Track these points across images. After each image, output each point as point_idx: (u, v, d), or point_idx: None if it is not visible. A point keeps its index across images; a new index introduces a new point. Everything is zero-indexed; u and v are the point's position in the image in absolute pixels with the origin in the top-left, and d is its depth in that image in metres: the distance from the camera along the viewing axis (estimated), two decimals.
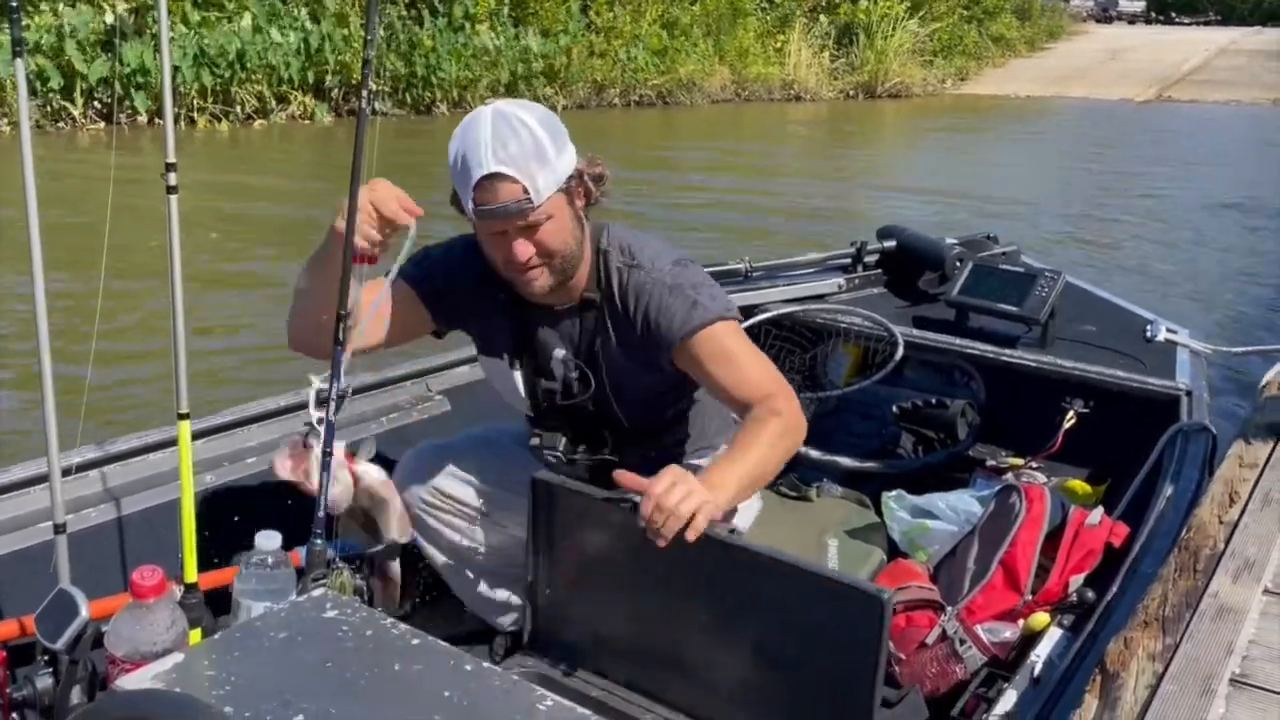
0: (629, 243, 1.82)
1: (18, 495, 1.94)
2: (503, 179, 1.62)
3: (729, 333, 1.75)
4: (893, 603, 1.42)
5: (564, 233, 1.71)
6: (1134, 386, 2.63)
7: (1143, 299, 4.60)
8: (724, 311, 1.76)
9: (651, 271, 1.77)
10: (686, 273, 1.78)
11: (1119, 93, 21.03)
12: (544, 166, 1.63)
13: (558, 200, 1.68)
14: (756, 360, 1.77)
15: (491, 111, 1.65)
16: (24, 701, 1.32)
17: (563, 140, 1.68)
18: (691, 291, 1.75)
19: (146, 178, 1.93)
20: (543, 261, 1.72)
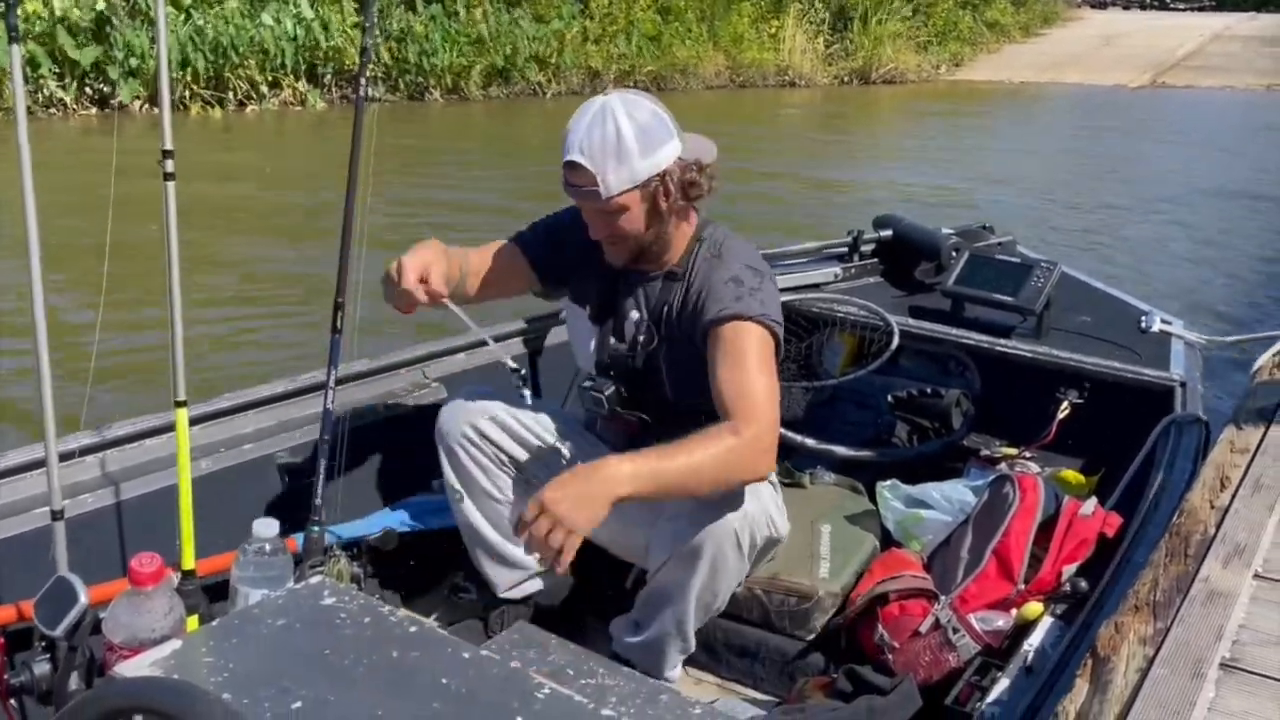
0: (724, 240, 1.95)
1: (14, 480, 1.93)
2: (579, 167, 1.80)
3: (754, 338, 1.82)
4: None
5: (635, 223, 1.85)
6: (1128, 377, 2.64)
7: (1137, 286, 4.62)
8: (761, 315, 1.83)
9: (725, 262, 1.90)
10: (753, 275, 1.88)
11: (1113, 78, 20.99)
12: (621, 164, 1.78)
13: (632, 195, 1.82)
14: (762, 378, 1.79)
15: (601, 103, 1.80)
16: (22, 687, 1.32)
17: (656, 143, 1.80)
18: (744, 287, 1.85)
19: (141, 165, 1.92)
20: (616, 240, 1.89)
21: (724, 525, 1.83)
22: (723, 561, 1.86)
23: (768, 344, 1.84)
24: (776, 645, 2.13)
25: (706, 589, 1.89)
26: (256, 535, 1.48)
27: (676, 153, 1.83)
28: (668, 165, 1.82)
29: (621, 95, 1.82)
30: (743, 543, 1.87)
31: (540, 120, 13.42)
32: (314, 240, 6.49)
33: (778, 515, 2.01)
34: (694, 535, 1.83)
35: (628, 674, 1.59)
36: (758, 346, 1.81)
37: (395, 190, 8.13)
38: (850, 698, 1.89)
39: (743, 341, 1.81)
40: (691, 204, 1.90)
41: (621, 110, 1.78)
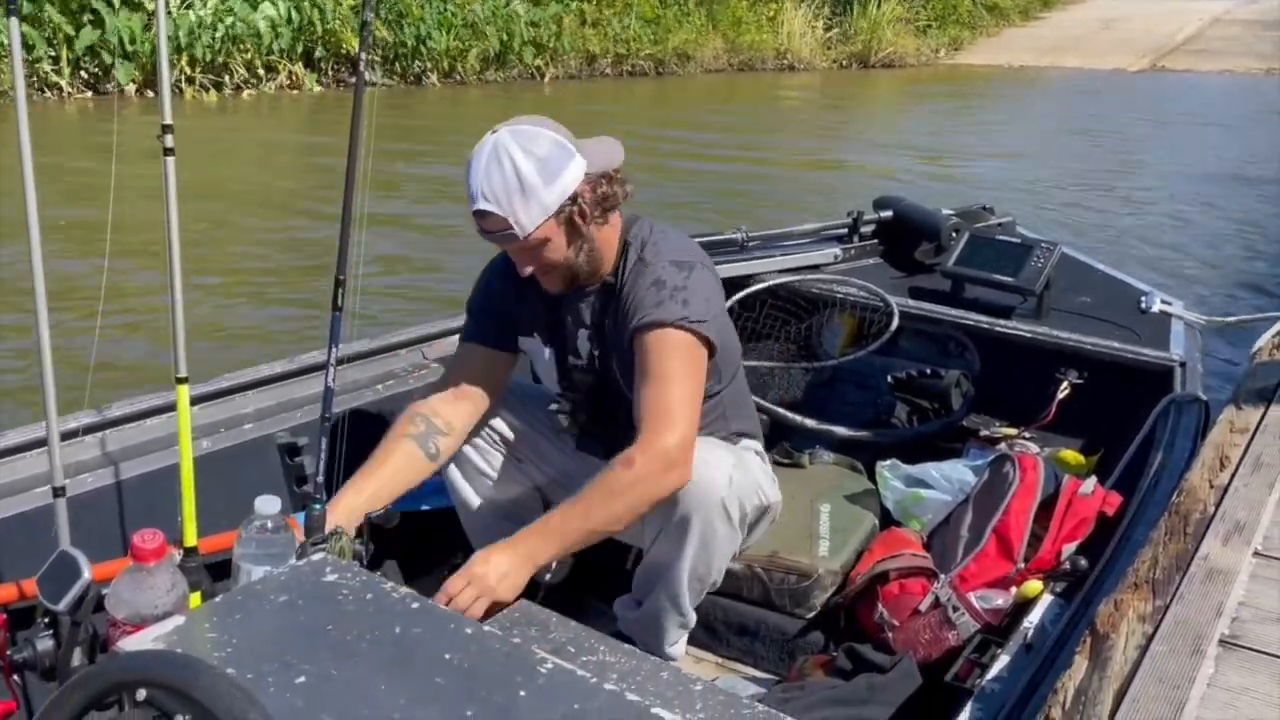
0: (649, 238, 1.92)
1: (16, 459, 1.94)
2: (488, 214, 1.76)
3: (670, 345, 1.80)
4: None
5: (560, 251, 1.83)
6: (1128, 357, 2.64)
7: (1137, 268, 4.61)
8: (681, 319, 1.80)
9: (649, 264, 1.87)
10: (677, 272, 1.85)
11: (1113, 62, 20.92)
12: (529, 201, 1.74)
13: (549, 226, 1.78)
14: (675, 388, 1.79)
15: (492, 143, 1.76)
16: (25, 664, 1.32)
17: (558, 169, 1.76)
18: (665, 290, 1.83)
19: (138, 146, 1.91)
20: (546, 271, 1.86)
21: (711, 498, 1.83)
22: (712, 534, 1.86)
23: (687, 348, 1.82)
24: (776, 624, 2.13)
25: (699, 562, 1.89)
26: (259, 512, 1.48)
27: (582, 171, 1.79)
28: (576, 187, 1.78)
29: (511, 129, 1.77)
30: (732, 514, 1.87)
31: (538, 104, 13.37)
32: (313, 220, 6.48)
33: (767, 483, 2.02)
34: (681, 510, 1.83)
35: (629, 650, 1.59)
36: (675, 353, 1.80)
37: (394, 168, 8.12)
38: (850, 676, 1.90)
39: (659, 350, 1.80)
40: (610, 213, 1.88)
41: (515, 146, 1.74)
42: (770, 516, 2.08)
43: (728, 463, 1.87)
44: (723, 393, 2.01)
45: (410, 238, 6.51)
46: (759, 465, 2.04)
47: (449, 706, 1.08)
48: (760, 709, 1.29)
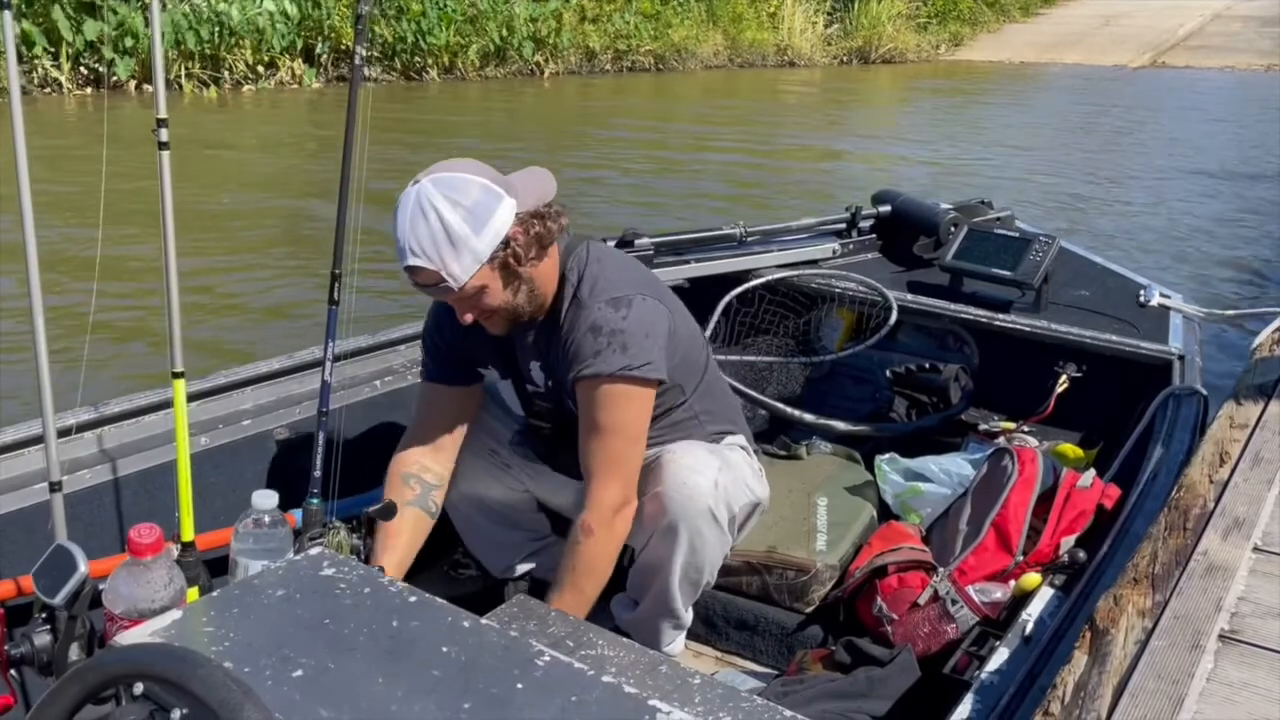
0: (589, 270, 1.84)
1: (13, 457, 1.93)
2: (419, 269, 1.70)
3: (615, 396, 1.78)
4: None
5: (498, 296, 1.77)
6: (1126, 351, 2.64)
7: (1137, 263, 4.61)
8: (620, 370, 1.77)
9: (586, 306, 1.81)
10: (615, 314, 1.79)
11: (1113, 58, 20.90)
12: (459, 251, 1.68)
13: (484, 273, 1.72)
14: (620, 437, 1.79)
15: (415, 195, 1.69)
16: (22, 659, 1.32)
17: (487, 214, 1.69)
18: (606, 337, 1.78)
19: (136, 141, 1.91)
20: (487, 318, 1.81)
21: (697, 503, 1.83)
22: (700, 539, 1.86)
23: (628, 398, 1.79)
24: (775, 618, 2.13)
25: (690, 566, 1.90)
26: (256, 507, 1.48)
27: (512, 212, 1.72)
28: (508, 230, 1.72)
29: (434, 178, 1.70)
30: (719, 517, 1.87)
31: (538, 99, 13.36)
32: (310, 215, 6.47)
33: (755, 481, 2.02)
34: (669, 515, 1.84)
35: (627, 644, 1.59)
36: (616, 405, 1.78)
37: (392, 163, 8.11)
38: (849, 669, 1.90)
39: (600, 403, 1.78)
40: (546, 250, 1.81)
41: (439, 196, 1.67)
42: (760, 511, 2.08)
43: (712, 467, 1.86)
44: (690, 400, 1.98)
45: None
46: (745, 461, 2.03)
47: (446, 699, 1.08)
48: (759, 702, 1.29)
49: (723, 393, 2.14)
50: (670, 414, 1.95)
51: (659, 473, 1.86)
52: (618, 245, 2.88)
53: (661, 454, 1.90)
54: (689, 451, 1.88)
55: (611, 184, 8.47)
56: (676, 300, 1.98)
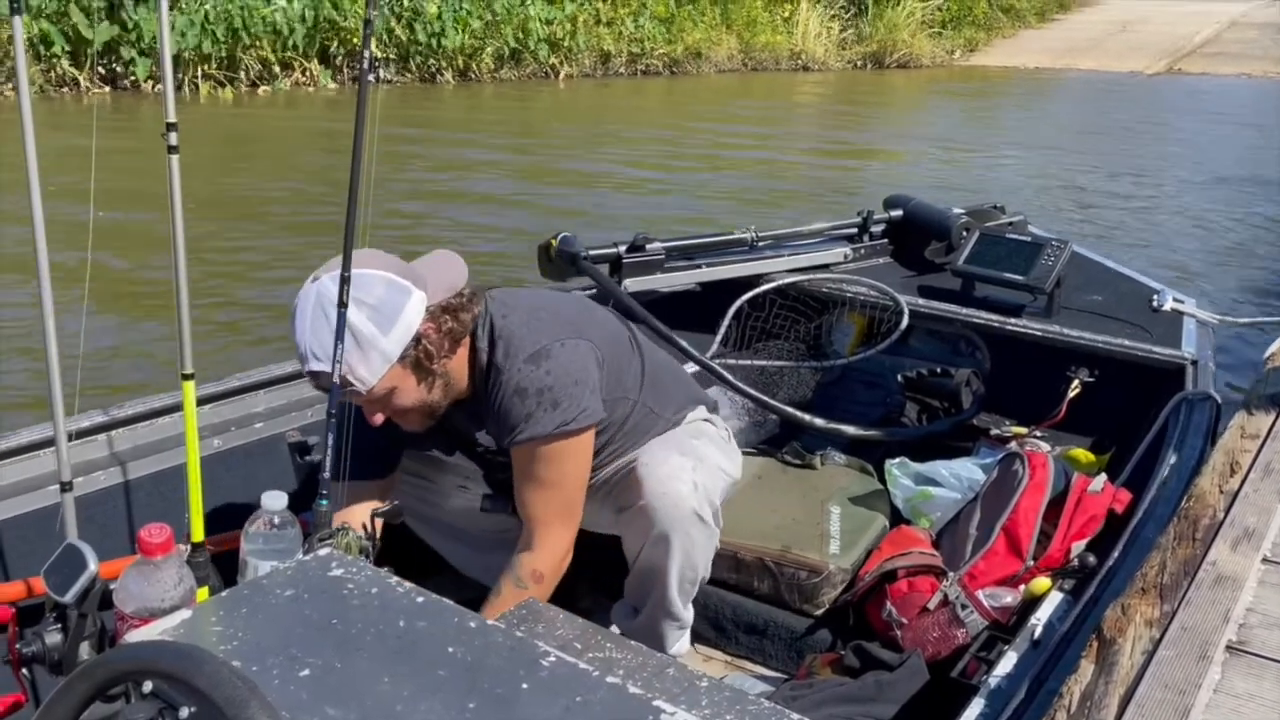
0: (498, 329, 1.77)
1: (24, 459, 1.95)
2: (323, 373, 1.62)
3: (553, 454, 1.75)
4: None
5: (411, 394, 1.70)
6: (1139, 355, 2.63)
7: (1150, 269, 4.59)
8: (555, 430, 1.72)
9: (504, 370, 1.74)
10: (537, 371, 1.72)
11: (1129, 65, 20.82)
12: (366, 353, 1.61)
13: (395, 373, 1.65)
14: (560, 490, 1.78)
15: (315, 294, 1.61)
16: (33, 657, 1.33)
17: (394, 313, 1.62)
18: (534, 398, 1.72)
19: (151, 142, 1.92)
20: (400, 416, 1.74)
21: (682, 509, 1.83)
22: (691, 542, 1.87)
23: (565, 452, 1.76)
24: (785, 622, 2.13)
25: (685, 568, 1.90)
26: (265, 508, 1.49)
27: (422, 306, 1.65)
28: (419, 327, 1.64)
29: (333, 274, 1.59)
30: (705, 516, 1.87)
31: (552, 102, 13.40)
32: (321, 216, 6.50)
33: (725, 459, 2.01)
34: (658, 526, 1.84)
35: (635, 647, 1.59)
36: (554, 461, 1.76)
37: (402, 166, 8.14)
38: (858, 673, 1.90)
39: (539, 461, 1.76)
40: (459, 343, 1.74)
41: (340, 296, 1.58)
42: (735, 484, 2.07)
43: (687, 468, 1.86)
44: (639, 400, 1.94)
45: (419, 234, 6.53)
46: (714, 442, 2.01)
47: (451, 699, 1.08)
48: (766, 705, 1.28)
49: (670, 374, 2.08)
50: (626, 421, 1.93)
51: (637, 486, 1.85)
52: (629, 250, 2.89)
53: (635, 464, 1.88)
54: (663, 460, 1.86)
55: (623, 187, 8.48)
56: (593, 310, 1.92)
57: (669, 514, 1.83)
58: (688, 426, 2.02)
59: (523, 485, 1.80)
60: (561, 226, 3.09)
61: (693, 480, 1.85)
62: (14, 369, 4.25)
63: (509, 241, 6.51)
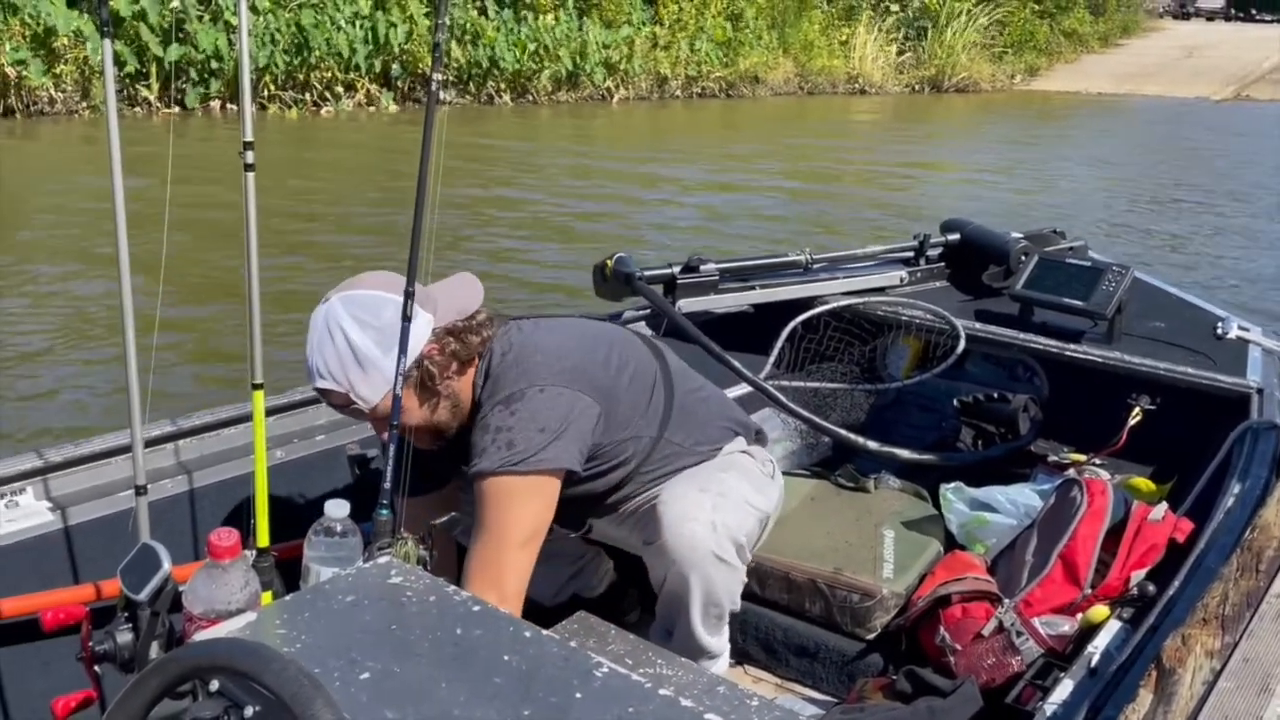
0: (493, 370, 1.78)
1: (99, 465, 2.01)
2: (329, 390, 1.70)
3: (494, 492, 1.70)
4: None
5: (414, 415, 1.74)
6: (1202, 383, 2.59)
7: (1215, 296, 4.50)
8: (501, 464, 1.69)
9: (482, 409, 1.76)
10: (505, 412, 1.72)
11: (1196, 90, 20.48)
12: (368, 373, 1.67)
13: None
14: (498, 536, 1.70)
15: (324, 315, 1.69)
16: (105, 655, 1.37)
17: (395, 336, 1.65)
18: (492, 435, 1.71)
19: (222, 161, 1.99)
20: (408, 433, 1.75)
21: (698, 550, 1.81)
22: (711, 582, 1.85)
23: (508, 493, 1.71)
24: (836, 645, 2.12)
25: (708, 604, 1.88)
26: (329, 516, 1.53)
27: (429, 329, 1.70)
28: (423, 349, 1.69)
29: (344, 297, 1.68)
30: (725, 556, 1.84)
31: (608, 124, 13.51)
32: (385, 233, 6.63)
33: (757, 495, 1.95)
34: (675, 564, 1.82)
35: (685, 664, 1.60)
36: (494, 503, 1.71)
37: (460, 185, 8.26)
38: (910, 699, 1.88)
39: (481, 501, 1.72)
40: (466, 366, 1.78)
41: (347, 317, 1.65)
42: (773, 517, 2.04)
43: (705, 509, 1.83)
44: (664, 433, 1.92)
45: (479, 249, 6.62)
46: (744, 477, 1.96)
47: (507, 705, 1.10)
48: None
49: (707, 407, 2.05)
50: (647, 458, 1.92)
51: (655, 523, 1.84)
52: (683, 271, 2.91)
53: (655, 500, 1.88)
54: (680, 496, 1.84)
55: (678, 209, 8.52)
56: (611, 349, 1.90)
57: (685, 554, 1.81)
58: (721, 459, 1.99)
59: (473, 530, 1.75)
60: (617, 247, 3.12)
61: (710, 520, 1.82)
62: (81, 381, 4.39)
63: (563, 261, 6.58)
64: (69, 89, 10.02)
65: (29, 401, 4.19)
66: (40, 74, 9.70)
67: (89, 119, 9.99)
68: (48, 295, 5.39)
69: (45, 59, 9.77)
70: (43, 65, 9.73)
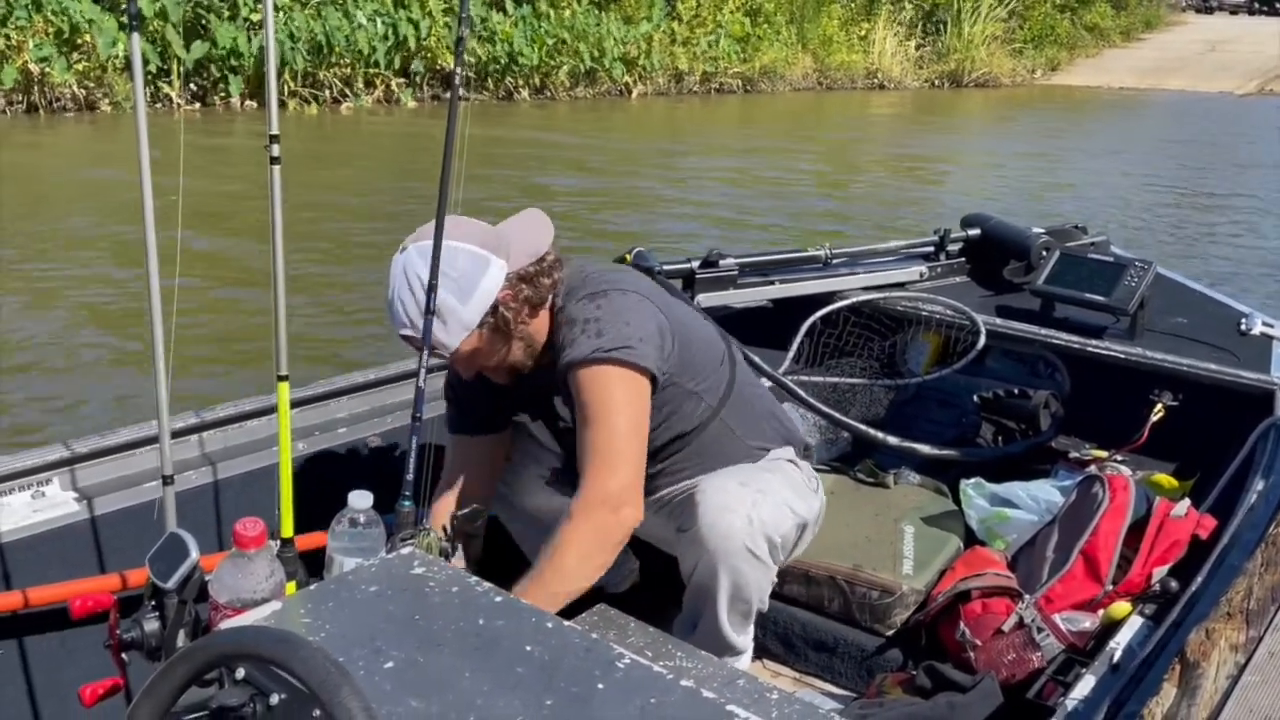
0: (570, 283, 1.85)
1: (126, 456, 2.03)
2: (411, 338, 1.76)
3: (591, 380, 1.73)
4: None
5: (492, 355, 1.81)
6: (1226, 380, 2.57)
7: (1238, 292, 4.47)
8: (592, 354, 1.73)
9: (565, 309, 1.81)
10: (589, 306, 1.78)
11: (1219, 85, 20.31)
12: (446, 322, 1.73)
13: (473, 338, 1.77)
14: (605, 425, 1.73)
15: (401, 265, 1.74)
16: (132, 643, 1.39)
17: (474, 283, 1.72)
18: (579, 327, 1.76)
19: (245, 156, 2.00)
20: (488, 373, 1.86)
21: (732, 542, 1.80)
22: (742, 577, 1.84)
23: (607, 378, 1.74)
24: (855, 640, 2.12)
25: (735, 599, 1.88)
26: (352, 507, 1.54)
27: (502, 275, 1.75)
28: (496, 295, 1.74)
29: (420, 246, 1.72)
30: (758, 552, 1.83)
31: (626, 120, 13.51)
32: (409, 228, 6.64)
33: (797, 499, 1.96)
34: (707, 555, 1.82)
35: (705, 657, 1.61)
36: (595, 390, 1.74)
37: (480, 180, 8.28)
38: (930, 694, 1.88)
39: (580, 391, 1.75)
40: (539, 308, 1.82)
41: (424, 266, 1.69)
42: (811, 527, 2.04)
43: (745, 503, 1.82)
44: (721, 413, 1.95)
45: None
46: (786, 482, 1.97)
47: (529, 695, 1.11)
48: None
49: (764, 407, 2.08)
50: (701, 431, 1.93)
51: (692, 511, 1.84)
52: (702, 265, 2.91)
53: (695, 490, 1.88)
54: (721, 488, 1.84)
55: (697, 204, 8.52)
56: (687, 309, 1.99)
57: (719, 545, 1.81)
58: (767, 462, 2.00)
59: (577, 417, 1.77)
60: (635, 242, 3.13)
61: (748, 515, 1.82)
62: (104, 375, 4.43)
63: (583, 255, 6.58)
64: (92, 86, 10.10)
65: (53, 396, 4.23)
66: (63, 71, 9.78)
67: (112, 115, 10.07)
68: (72, 289, 5.45)
69: (68, 56, 9.85)
70: (66, 63, 9.81)
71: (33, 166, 8.34)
